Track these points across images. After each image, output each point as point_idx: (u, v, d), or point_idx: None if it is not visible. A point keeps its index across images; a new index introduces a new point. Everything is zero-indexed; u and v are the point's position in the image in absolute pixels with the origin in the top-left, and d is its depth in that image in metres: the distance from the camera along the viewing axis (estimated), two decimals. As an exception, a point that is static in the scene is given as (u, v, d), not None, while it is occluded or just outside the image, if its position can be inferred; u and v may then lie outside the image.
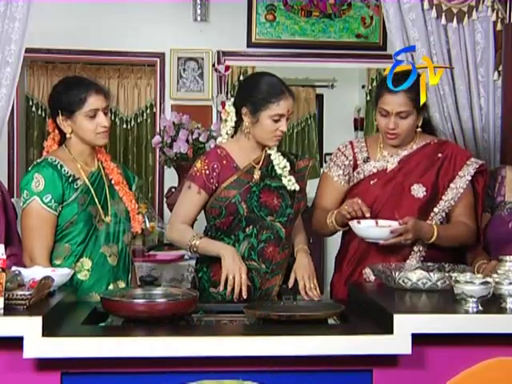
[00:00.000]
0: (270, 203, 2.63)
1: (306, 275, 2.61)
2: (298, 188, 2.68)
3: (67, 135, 2.62)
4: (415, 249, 2.72)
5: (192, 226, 2.69)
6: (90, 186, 2.62)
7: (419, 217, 2.67)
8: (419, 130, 2.80)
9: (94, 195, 2.62)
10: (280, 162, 2.68)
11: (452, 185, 2.76)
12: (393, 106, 2.70)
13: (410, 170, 2.78)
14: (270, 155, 2.70)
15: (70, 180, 2.57)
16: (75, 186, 2.58)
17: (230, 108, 2.70)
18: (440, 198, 2.75)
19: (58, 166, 2.57)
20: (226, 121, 2.73)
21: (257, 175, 2.66)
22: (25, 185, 2.55)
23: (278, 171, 2.68)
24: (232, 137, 2.74)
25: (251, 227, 2.62)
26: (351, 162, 2.86)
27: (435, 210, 2.75)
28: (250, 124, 2.63)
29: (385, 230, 2.58)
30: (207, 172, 2.62)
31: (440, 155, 2.80)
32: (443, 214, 2.76)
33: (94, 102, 2.58)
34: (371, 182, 2.80)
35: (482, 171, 2.79)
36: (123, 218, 2.70)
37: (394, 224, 2.58)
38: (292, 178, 2.68)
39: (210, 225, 2.70)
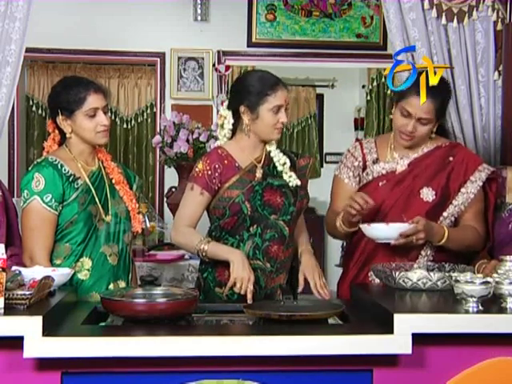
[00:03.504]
0: (274, 202, 2.63)
1: (316, 275, 2.62)
2: (299, 183, 2.68)
3: (67, 135, 2.62)
4: (423, 253, 2.69)
5: (195, 227, 2.69)
6: (91, 186, 2.62)
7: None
8: (433, 135, 2.78)
9: (95, 194, 2.62)
10: (280, 159, 2.68)
11: (463, 189, 2.73)
12: (417, 110, 2.66)
13: (419, 173, 2.75)
14: (270, 154, 2.70)
15: (70, 179, 2.57)
16: (75, 186, 2.58)
17: (225, 112, 2.70)
18: (450, 203, 2.72)
19: (59, 165, 2.57)
20: (222, 125, 2.73)
21: (259, 174, 2.66)
22: (25, 184, 2.55)
23: (279, 168, 2.68)
24: (231, 138, 2.74)
25: (255, 226, 2.62)
26: (360, 163, 2.83)
27: (444, 214, 2.71)
28: (250, 121, 2.63)
29: (395, 229, 2.54)
30: (209, 173, 2.62)
31: (451, 159, 2.76)
32: (452, 219, 2.73)
33: (93, 101, 2.58)
34: (380, 184, 2.77)
35: (494, 178, 2.77)
36: (123, 217, 2.70)
37: (405, 225, 2.54)
38: (293, 174, 2.68)
39: (214, 225, 2.69)
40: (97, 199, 2.62)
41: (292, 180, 2.67)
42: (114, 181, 2.72)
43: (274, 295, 2.63)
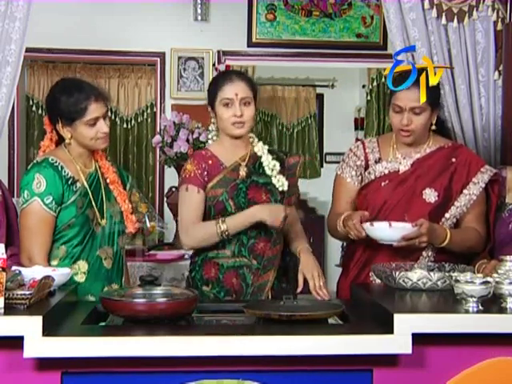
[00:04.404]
0: (259, 199, 2.64)
1: (316, 275, 2.60)
2: (286, 189, 2.68)
3: (67, 140, 2.62)
4: (424, 253, 2.69)
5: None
6: (88, 189, 2.61)
7: (430, 221, 2.61)
8: (433, 127, 2.76)
9: (92, 198, 2.61)
10: (269, 163, 2.69)
11: (465, 191, 2.72)
12: (406, 101, 2.67)
13: (422, 174, 2.74)
14: (256, 153, 2.71)
15: (69, 182, 2.57)
16: (74, 189, 2.57)
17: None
18: (452, 204, 2.72)
19: (59, 167, 2.56)
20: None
21: (243, 172, 2.67)
22: (25, 185, 2.53)
23: (268, 172, 2.69)
24: None
25: None
26: (363, 163, 2.83)
27: (446, 215, 2.71)
28: (216, 121, 2.69)
29: (398, 231, 2.54)
30: (199, 171, 2.64)
31: (454, 160, 2.76)
32: (454, 220, 2.73)
33: (94, 110, 2.56)
34: (382, 184, 2.76)
35: (496, 180, 2.76)
36: (118, 220, 2.70)
37: (408, 226, 2.54)
38: (281, 177, 2.69)
39: None
40: (93, 203, 2.61)
41: (279, 185, 2.67)
42: (108, 180, 2.71)
43: (261, 292, 2.63)
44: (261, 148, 2.73)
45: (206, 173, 2.64)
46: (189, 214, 2.66)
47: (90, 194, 2.61)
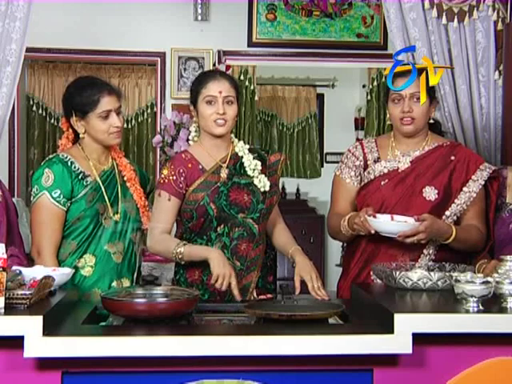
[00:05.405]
0: (241, 200, 2.64)
1: (314, 275, 2.59)
2: (268, 189, 2.68)
3: (81, 135, 2.66)
4: (425, 251, 2.69)
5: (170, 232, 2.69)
6: (101, 184, 2.66)
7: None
8: (431, 121, 2.77)
9: (104, 193, 2.65)
10: (251, 163, 2.69)
11: (465, 188, 2.72)
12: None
13: (422, 172, 2.75)
14: (237, 154, 2.71)
15: (79, 177, 2.62)
16: (85, 183, 2.62)
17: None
18: (452, 202, 2.72)
19: (69, 162, 2.62)
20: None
21: (224, 174, 2.67)
22: (35, 180, 2.60)
23: (249, 172, 2.68)
24: None
25: (222, 226, 2.62)
26: (362, 163, 2.83)
27: (447, 213, 2.71)
28: (197, 119, 2.68)
29: (400, 225, 2.54)
30: (175, 178, 2.63)
31: (453, 158, 2.76)
32: (455, 218, 2.72)
33: (106, 103, 2.61)
34: (382, 183, 2.76)
35: (495, 177, 2.76)
36: (133, 216, 2.73)
37: (410, 220, 2.55)
38: (263, 177, 2.68)
39: (184, 228, 2.70)
40: (106, 197, 2.65)
41: (261, 185, 2.67)
42: (125, 178, 2.74)
43: (245, 293, 2.62)
44: (241, 148, 2.72)
45: (182, 178, 2.63)
46: (157, 220, 2.65)
47: (102, 188, 2.65)
